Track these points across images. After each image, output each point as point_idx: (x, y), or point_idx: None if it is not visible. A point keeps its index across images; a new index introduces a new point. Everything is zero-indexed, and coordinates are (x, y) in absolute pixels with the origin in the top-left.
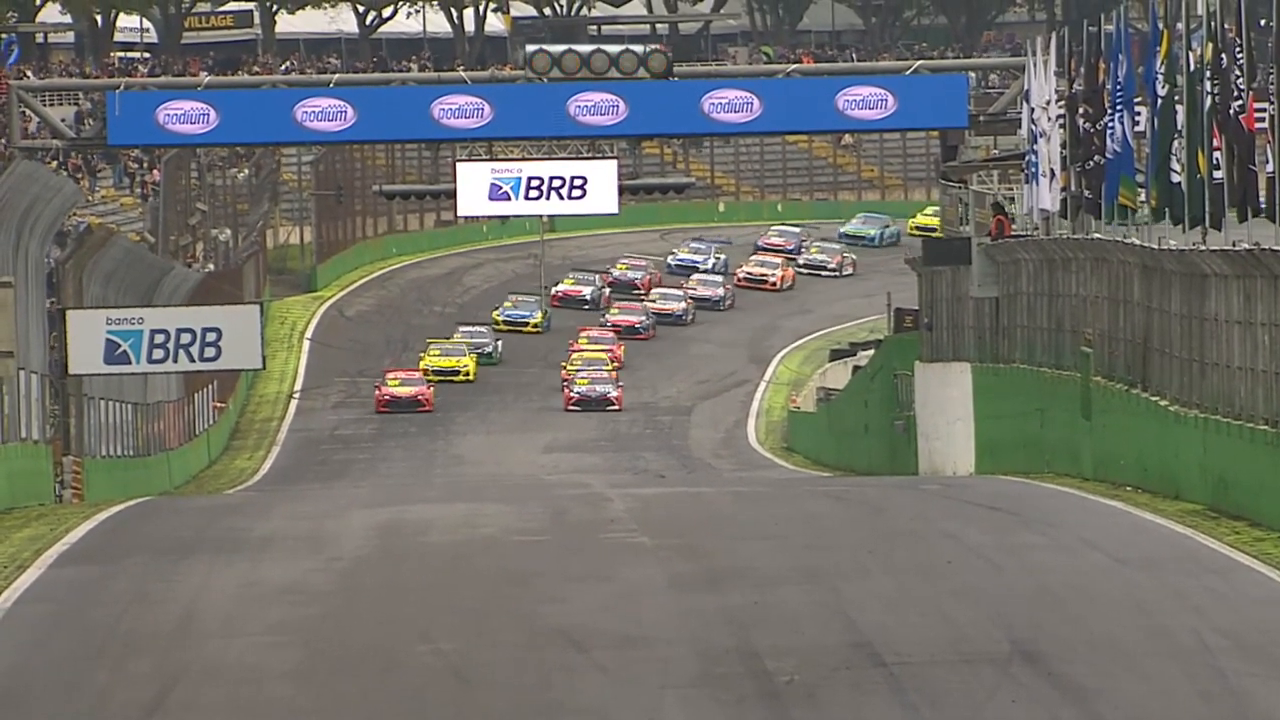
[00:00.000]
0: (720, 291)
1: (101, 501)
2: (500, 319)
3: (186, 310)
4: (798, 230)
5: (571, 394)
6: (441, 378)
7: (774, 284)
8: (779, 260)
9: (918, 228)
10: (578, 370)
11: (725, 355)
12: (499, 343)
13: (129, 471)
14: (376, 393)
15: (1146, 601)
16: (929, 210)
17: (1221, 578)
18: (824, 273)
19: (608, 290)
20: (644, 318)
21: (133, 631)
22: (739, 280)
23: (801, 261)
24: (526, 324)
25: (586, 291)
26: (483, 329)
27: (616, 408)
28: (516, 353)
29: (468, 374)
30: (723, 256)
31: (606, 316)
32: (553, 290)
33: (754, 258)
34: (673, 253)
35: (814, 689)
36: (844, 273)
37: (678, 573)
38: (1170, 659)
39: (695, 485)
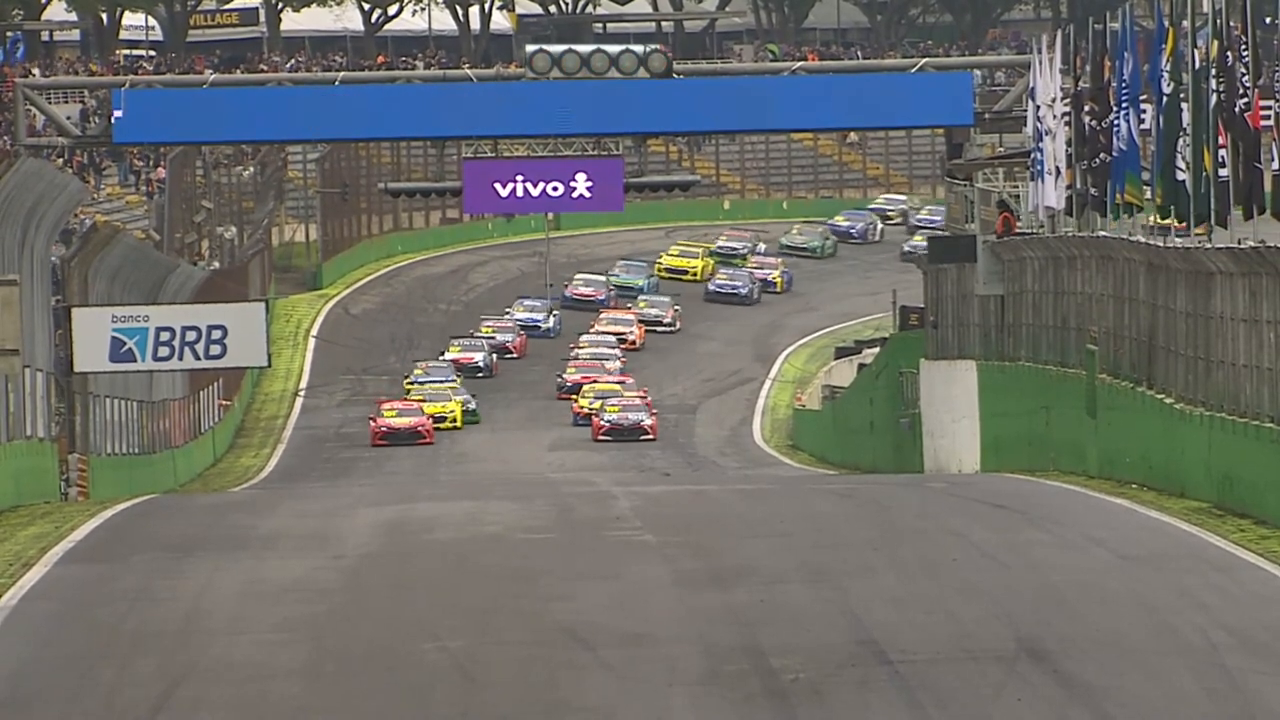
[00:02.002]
0: (669, 314)
1: (107, 499)
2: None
3: (192, 308)
4: (748, 237)
5: (602, 423)
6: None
7: (693, 275)
8: (698, 251)
9: (666, 269)
10: (603, 399)
11: (730, 353)
12: (492, 356)
13: (134, 469)
14: (371, 424)
15: (1152, 599)
16: (674, 250)
17: (1227, 575)
18: (732, 297)
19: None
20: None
21: (138, 629)
22: (660, 273)
23: (712, 287)
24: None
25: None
26: (477, 349)
27: (651, 437)
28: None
29: (454, 420)
30: (653, 277)
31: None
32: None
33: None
34: (614, 274)
35: (820, 687)
36: (752, 299)
37: (683, 570)
38: (1176, 656)
39: (700, 483)
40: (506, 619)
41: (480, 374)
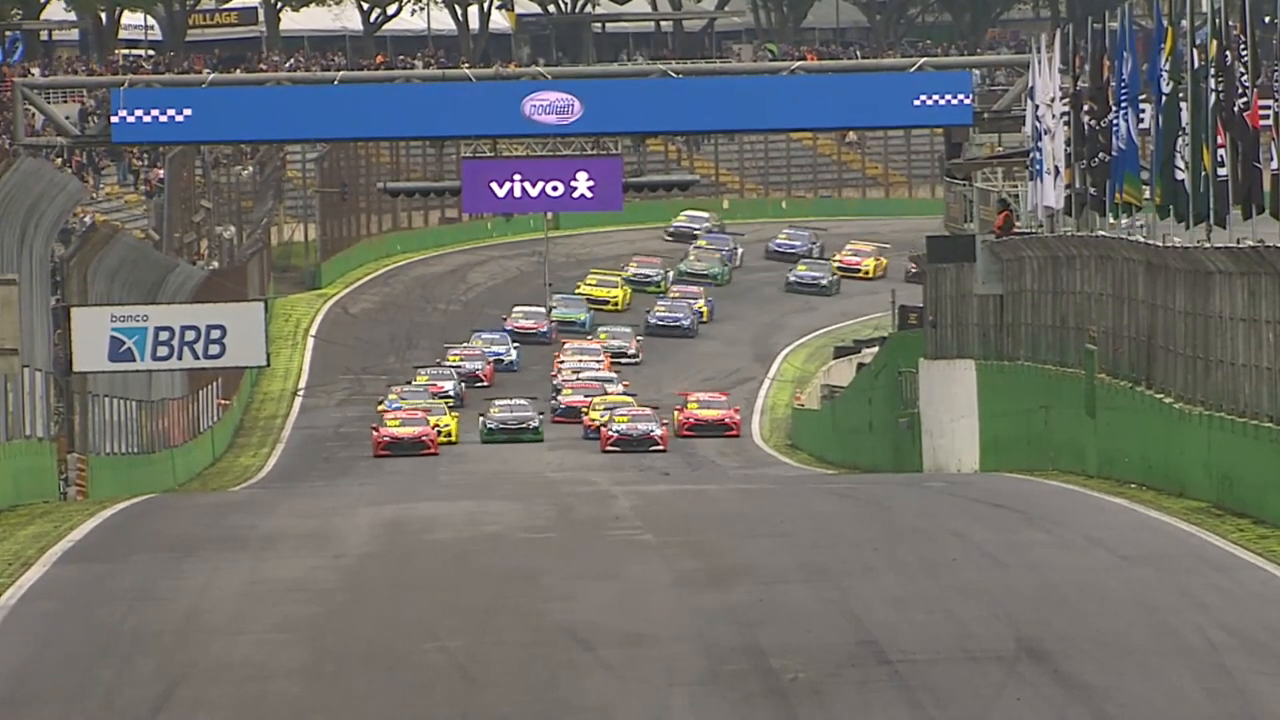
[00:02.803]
0: (632, 345)
1: (106, 499)
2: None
3: (191, 307)
4: (658, 263)
5: (610, 433)
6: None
7: (614, 305)
8: (616, 280)
9: (587, 299)
10: (612, 409)
11: (730, 353)
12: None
13: (133, 469)
14: (374, 434)
15: (1152, 599)
16: (592, 280)
17: (1226, 575)
18: (675, 329)
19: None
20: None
21: (138, 629)
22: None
23: (654, 320)
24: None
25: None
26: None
27: (661, 448)
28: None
29: (449, 434)
30: (592, 311)
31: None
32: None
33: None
34: (554, 307)
35: (820, 687)
36: (693, 330)
37: (683, 570)
38: (1176, 657)
39: (700, 483)
40: (506, 619)
41: (453, 405)
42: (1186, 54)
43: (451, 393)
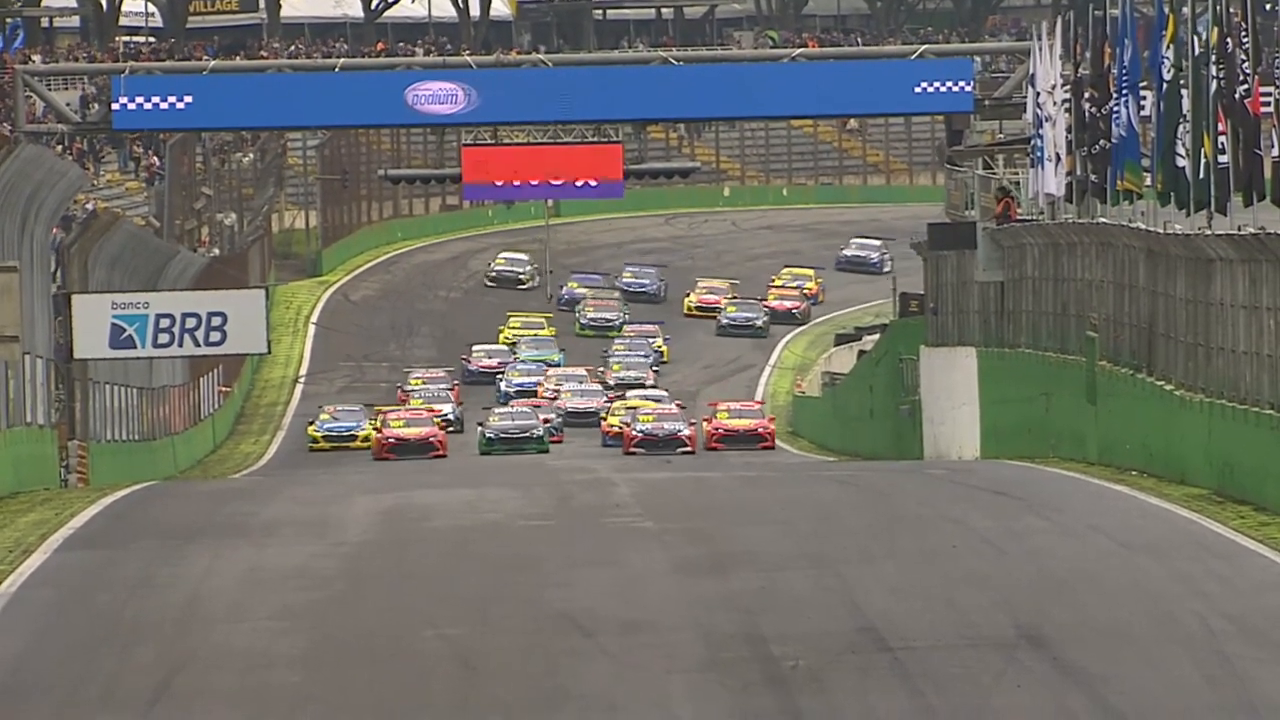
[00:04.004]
0: (597, 403)
1: (107, 486)
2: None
3: (192, 294)
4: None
5: (634, 433)
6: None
7: None
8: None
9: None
10: (634, 408)
11: (730, 340)
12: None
13: (134, 456)
14: (376, 436)
15: (1152, 586)
16: (514, 323)
17: (1227, 562)
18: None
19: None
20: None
21: (139, 617)
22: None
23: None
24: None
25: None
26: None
27: (689, 449)
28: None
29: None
30: (565, 350)
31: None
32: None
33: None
34: (522, 350)
35: (820, 674)
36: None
37: (683, 558)
38: (1176, 644)
39: (700, 470)
40: (506, 607)
41: (451, 429)
42: (1187, 41)
43: (451, 416)
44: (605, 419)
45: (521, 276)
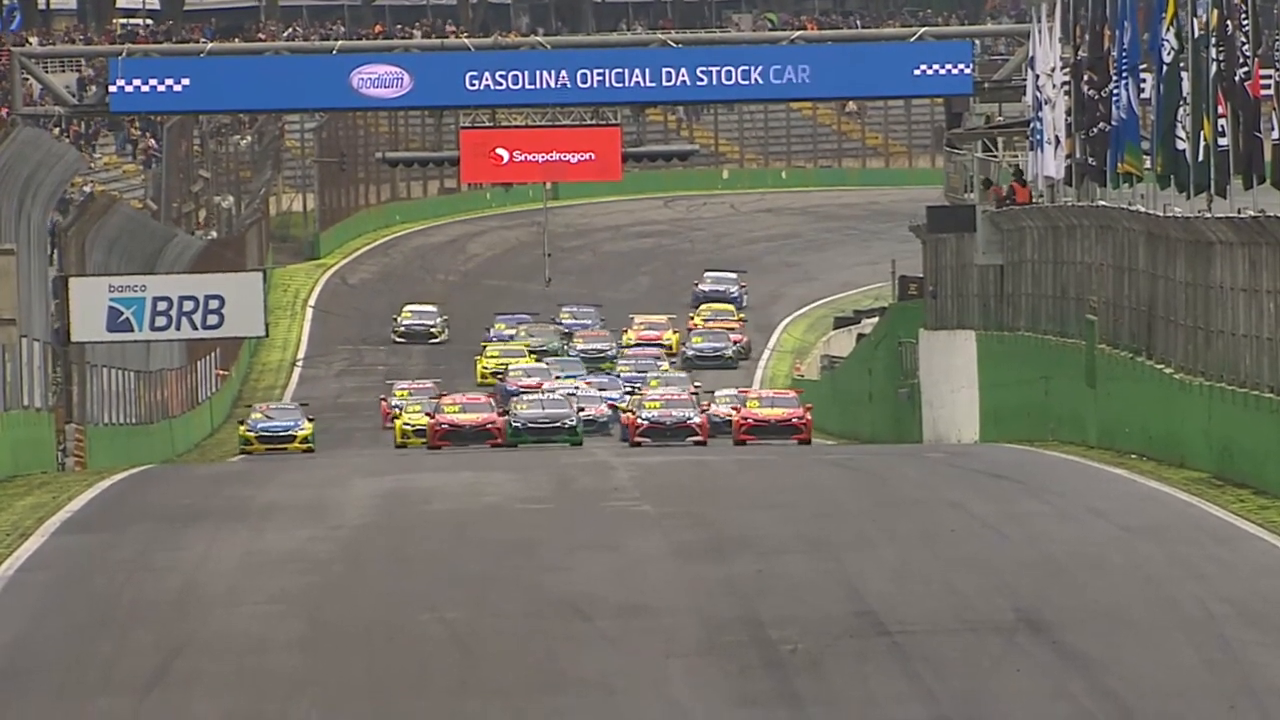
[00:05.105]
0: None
1: (104, 469)
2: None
3: (189, 278)
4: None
5: (639, 421)
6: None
7: None
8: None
9: None
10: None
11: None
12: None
13: (131, 439)
14: (430, 421)
15: (1151, 570)
16: (492, 352)
17: (1226, 546)
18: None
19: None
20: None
21: (136, 600)
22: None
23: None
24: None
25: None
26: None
27: (700, 438)
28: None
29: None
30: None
31: None
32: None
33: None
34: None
35: (818, 658)
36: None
37: (682, 541)
38: (1175, 628)
39: (699, 454)
40: (505, 590)
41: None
42: (1187, 23)
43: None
44: (627, 411)
45: (433, 329)
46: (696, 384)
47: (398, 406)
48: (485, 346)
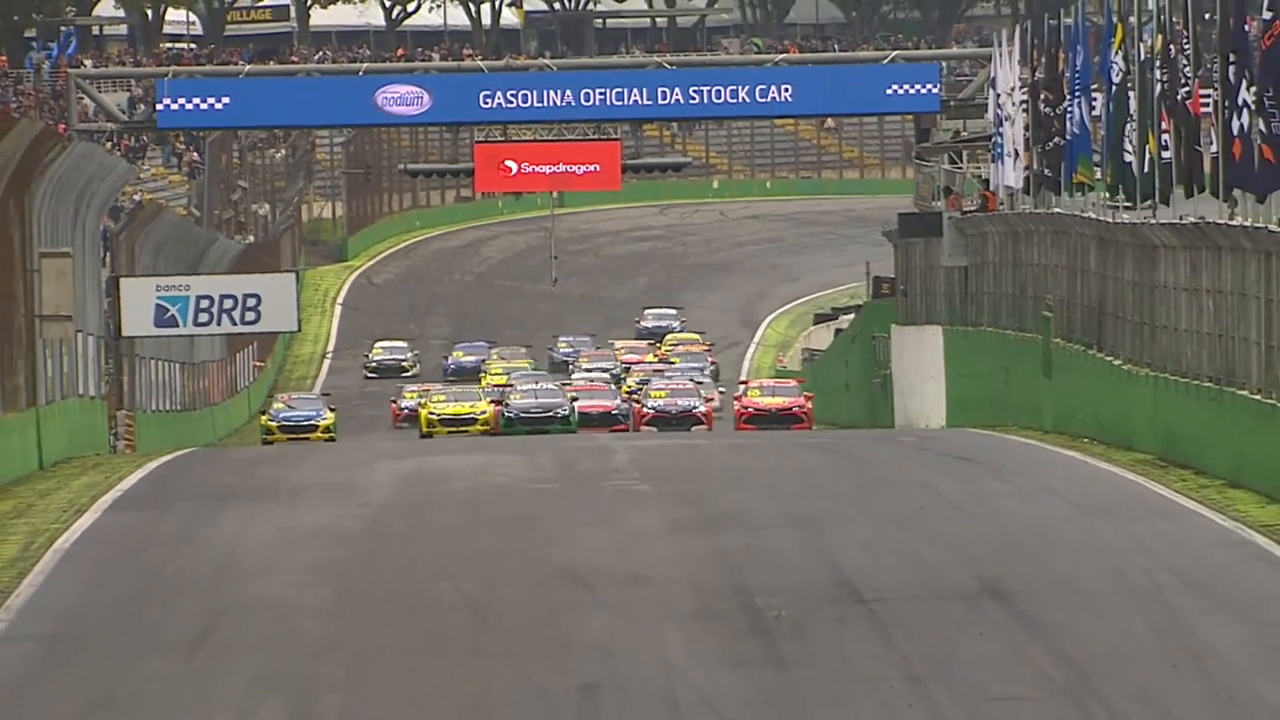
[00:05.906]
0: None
1: (152, 452)
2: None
3: (229, 278)
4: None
5: (645, 410)
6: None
7: None
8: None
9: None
10: (646, 383)
11: (718, 319)
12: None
13: (177, 424)
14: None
15: (1102, 544)
16: (495, 368)
17: (1170, 522)
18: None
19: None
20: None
21: (180, 571)
22: None
23: None
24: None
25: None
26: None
27: (704, 426)
28: (526, 321)
29: (487, 420)
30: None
31: None
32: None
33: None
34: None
35: (801, 623)
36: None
37: (676, 517)
38: (1125, 597)
39: (694, 438)
40: (514, 562)
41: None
42: (1134, 47)
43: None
44: (639, 399)
45: (404, 364)
46: (713, 360)
47: (407, 408)
48: (483, 375)
